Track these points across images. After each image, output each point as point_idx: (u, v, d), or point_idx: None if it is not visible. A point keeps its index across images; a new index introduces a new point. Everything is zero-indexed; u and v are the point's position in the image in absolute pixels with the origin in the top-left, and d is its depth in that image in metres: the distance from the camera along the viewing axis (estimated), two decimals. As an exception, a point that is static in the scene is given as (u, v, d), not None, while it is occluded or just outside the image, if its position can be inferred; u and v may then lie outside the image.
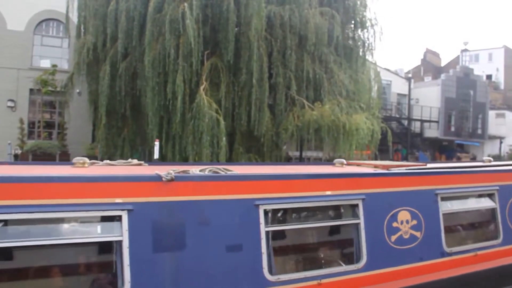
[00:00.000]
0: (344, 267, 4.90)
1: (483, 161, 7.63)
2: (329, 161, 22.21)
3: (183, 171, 4.40)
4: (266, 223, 4.43)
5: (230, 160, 17.95)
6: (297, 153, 23.27)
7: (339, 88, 20.22)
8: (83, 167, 4.86)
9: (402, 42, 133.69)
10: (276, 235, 4.87)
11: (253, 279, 4.32)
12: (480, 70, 52.25)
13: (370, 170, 5.70)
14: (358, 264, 4.91)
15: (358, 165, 6.44)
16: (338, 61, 21.20)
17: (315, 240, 5.75)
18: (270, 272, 4.37)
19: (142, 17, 18.47)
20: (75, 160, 5.00)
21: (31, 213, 3.58)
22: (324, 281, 4.58)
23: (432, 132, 41.41)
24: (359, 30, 23.30)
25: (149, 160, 18.73)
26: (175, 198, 4.13)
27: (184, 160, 18.09)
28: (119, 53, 18.75)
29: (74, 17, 21.28)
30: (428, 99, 40.58)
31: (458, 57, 57.29)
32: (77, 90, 22.68)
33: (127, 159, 19.36)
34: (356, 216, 4.98)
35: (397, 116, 40.11)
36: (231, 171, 4.65)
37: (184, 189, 4.19)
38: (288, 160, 22.99)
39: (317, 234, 5.71)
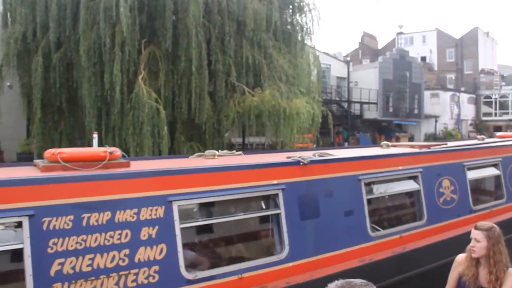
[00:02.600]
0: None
1: (477, 139, 9.53)
2: (272, 147, 22.53)
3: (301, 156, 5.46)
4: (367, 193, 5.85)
5: (172, 149, 17.77)
6: (240, 140, 23.31)
7: (278, 73, 20.32)
8: (214, 158, 5.73)
9: (341, 26, 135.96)
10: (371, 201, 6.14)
11: (360, 234, 5.57)
12: (415, 52, 53.91)
13: (421, 149, 7.26)
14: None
15: (410, 146, 7.99)
16: (277, 46, 21.26)
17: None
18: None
19: (74, 5, 17.86)
20: (206, 152, 5.92)
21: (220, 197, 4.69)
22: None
23: (371, 113, 42.49)
24: (298, 15, 23.43)
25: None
26: (311, 177, 5.29)
27: (126, 152, 17.69)
28: (52, 43, 18.03)
29: (-1, 5, 20.20)
30: (367, 82, 41.52)
31: (394, 40, 58.83)
32: (8, 84, 21.58)
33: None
34: (418, 184, 6.43)
35: (337, 99, 40.81)
36: (333, 154, 5.90)
37: (317, 170, 5.37)
38: (231, 147, 22.98)
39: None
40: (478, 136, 9.75)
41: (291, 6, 23.23)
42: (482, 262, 4.06)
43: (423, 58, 58.68)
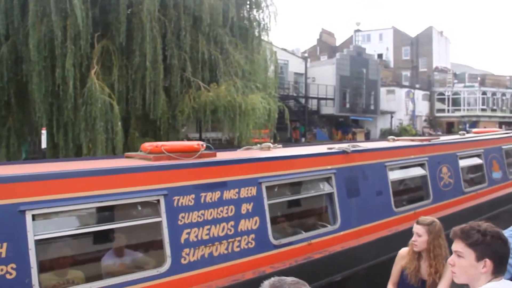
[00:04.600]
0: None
1: (460, 134, 10.89)
2: (229, 142, 22.50)
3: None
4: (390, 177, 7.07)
5: (126, 145, 17.53)
6: (197, 135, 23.17)
7: (235, 68, 20.30)
8: (269, 150, 6.83)
9: (299, 23, 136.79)
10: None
11: (388, 210, 6.77)
12: (371, 49, 54.72)
13: (423, 142, 8.50)
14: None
15: (410, 140, 9.33)
16: (233, 42, 21.25)
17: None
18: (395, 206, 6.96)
19: (23, -5, 17.25)
20: (263, 145, 7.10)
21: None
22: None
23: (328, 109, 42.96)
24: (255, 11, 23.47)
25: (38, 150, 17.82)
26: (354, 164, 6.47)
27: (78, 148, 17.39)
28: (-1, 35, 17.43)
29: None
30: (324, 78, 41.95)
31: (351, 37, 59.52)
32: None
33: (13, 150, 17.99)
34: (425, 170, 7.69)
35: (295, 94, 41.07)
36: (362, 146, 7.05)
37: (358, 158, 6.55)
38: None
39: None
40: (460, 132, 11.24)
41: (248, 2, 23.27)
42: (423, 256, 4.18)
43: (380, 55, 59.67)
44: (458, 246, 2.42)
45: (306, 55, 50.08)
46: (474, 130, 12.62)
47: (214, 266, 4.79)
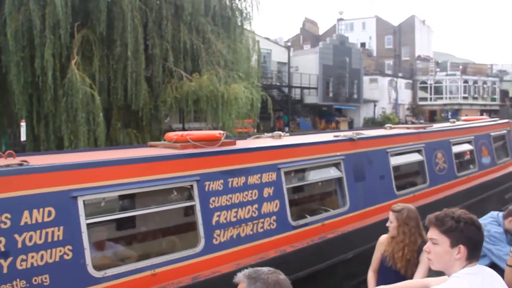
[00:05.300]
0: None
1: (450, 122, 11.53)
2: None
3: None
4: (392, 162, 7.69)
5: (108, 136, 17.36)
6: (180, 125, 23.03)
7: (217, 58, 20.16)
8: (280, 138, 7.14)
9: (282, 11, 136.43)
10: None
11: (390, 193, 7.28)
12: (354, 38, 54.84)
13: (418, 130, 8.97)
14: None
15: (406, 127, 9.85)
16: (215, 31, 21.06)
17: None
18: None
19: (-1, -17, 16.87)
20: (274, 133, 7.42)
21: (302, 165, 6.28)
22: None
23: (311, 98, 43.03)
24: (237, 0, 23.33)
25: (19, 142, 17.55)
26: (359, 150, 6.94)
27: (60, 140, 17.17)
28: (-25, 24, 17.01)
29: None
30: (307, 67, 41.98)
31: (334, 26, 59.57)
32: None
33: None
34: (422, 156, 8.18)
35: (278, 84, 40.97)
36: (365, 134, 7.51)
37: (363, 145, 7.02)
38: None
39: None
40: (451, 120, 11.80)
41: (230, -9, 23.05)
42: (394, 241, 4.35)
43: (363, 44, 59.84)
44: (433, 233, 2.46)
45: (289, 44, 50.08)
46: (463, 118, 13.11)
47: (241, 246, 5.22)
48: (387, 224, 4.40)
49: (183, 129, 24.02)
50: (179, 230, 5.71)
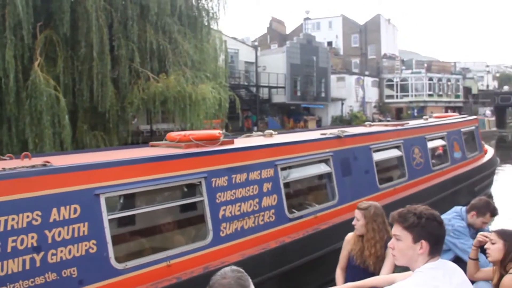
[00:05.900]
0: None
1: (423, 119, 12.27)
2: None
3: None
4: (375, 158, 8.09)
5: (75, 139, 17.07)
6: (148, 127, 22.88)
7: (184, 58, 20.07)
8: (271, 136, 7.51)
9: (249, 11, 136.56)
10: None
11: (374, 187, 7.75)
12: (321, 37, 55.33)
13: (397, 127, 9.34)
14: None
15: (384, 125, 10.15)
16: (182, 31, 20.96)
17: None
18: None
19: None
20: (266, 132, 7.80)
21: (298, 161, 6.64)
22: None
23: (279, 97, 43.13)
24: (203, 0, 23.27)
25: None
26: (346, 147, 7.34)
27: (23, 144, 16.78)
28: None
29: None
30: (275, 66, 42.11)
31: (301, 25, 59.88)
32: None
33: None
34: (401, 152, 8.64)
35: (246, 83, 40.96)
36: (350, 131, 7.84)
37: (349, 142, 7.41)
38: (138, 135, 22.50)
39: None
40: (424, 117, 12.45)
41: (196, -10, 22.96)
42: (364, 238, 4.39)
43: (330, 43, 60.40)
44: (396, 229, 2.53)
45: (256, 43, 50.07)
46: (435, 115, 13.67)
47: (245, 237, 5.56)
48: (353, 223, 4.45)
49: (151, 130, 23.87)
50: (189, 224, 6.06)
